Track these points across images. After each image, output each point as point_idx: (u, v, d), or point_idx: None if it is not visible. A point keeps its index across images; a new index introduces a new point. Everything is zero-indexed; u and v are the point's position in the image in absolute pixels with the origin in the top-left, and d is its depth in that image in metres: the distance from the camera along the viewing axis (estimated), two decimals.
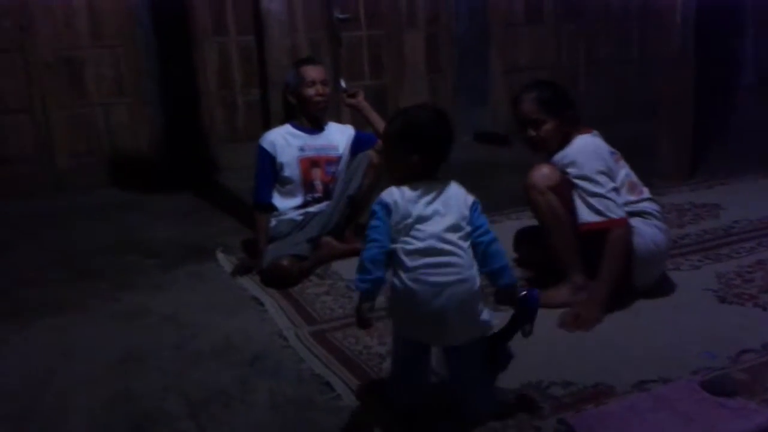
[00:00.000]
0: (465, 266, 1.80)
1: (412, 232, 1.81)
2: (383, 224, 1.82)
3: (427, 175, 1.88)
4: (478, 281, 1.82)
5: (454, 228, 1.82)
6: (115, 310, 2.75)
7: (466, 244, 1.82)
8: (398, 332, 1.91)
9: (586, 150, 2.50)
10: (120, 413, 2.02)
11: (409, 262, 1.79)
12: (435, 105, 2.03)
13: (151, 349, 2.40)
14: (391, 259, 1.82)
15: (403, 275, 1.80)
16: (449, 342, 1.85)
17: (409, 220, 1.81)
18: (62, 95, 4.66)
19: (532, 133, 2.55)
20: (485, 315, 1.83)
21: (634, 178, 2.62)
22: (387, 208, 1.83)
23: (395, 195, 1.84)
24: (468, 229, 1.83)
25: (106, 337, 2.51)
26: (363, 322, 1.84)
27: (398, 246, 1.81)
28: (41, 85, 4.59)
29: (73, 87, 4.68)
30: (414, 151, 1.85)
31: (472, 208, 1.85)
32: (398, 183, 1.87)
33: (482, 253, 1.83)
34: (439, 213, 1.82)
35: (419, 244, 1.80)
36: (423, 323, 1.81)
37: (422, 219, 1.81)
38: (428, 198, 1.84)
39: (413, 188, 1.84)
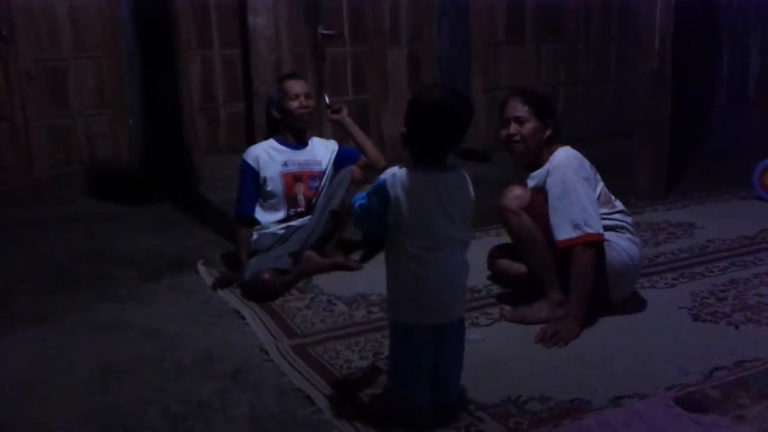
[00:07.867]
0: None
1: (422, 226, 1.83)
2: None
3: (431, 158, 1.85)
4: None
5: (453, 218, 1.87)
6: (95, 321, 2.74)
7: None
8: (412, 323, 1.88)
9: (570, 159, 2.55)
10: (100, 426, 2.01)
11: (424, 255, 1.83)
12: (458, 89, 1.94)
13: (131, 361, 2.39)
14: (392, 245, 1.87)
15: (413, 265, 1.84)
16: (459, 314, 1.94)
17: (421, 213, 1.82)
18: (43, 105, 4.64)
19: (513, 130, 2.59)
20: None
21: (607, 191, 2.67)
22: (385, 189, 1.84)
23: (401, 178, 1.83)
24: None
25: (86, 348, 2.50)
26: None
27: (407, 239, 1.84)
28: (21, 95, 4.57)
29: (54, 97, 4.67)
30: (405, 124, 1.86)
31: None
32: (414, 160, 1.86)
33: None
34: (445, 208, 1.84)
35: (430, 242, 1.84)
36: (439, 301, 1.87)
37: (430, 216, 1.83)
38: (433, 188, 1.83)
39: (422, 173, 1.84)
